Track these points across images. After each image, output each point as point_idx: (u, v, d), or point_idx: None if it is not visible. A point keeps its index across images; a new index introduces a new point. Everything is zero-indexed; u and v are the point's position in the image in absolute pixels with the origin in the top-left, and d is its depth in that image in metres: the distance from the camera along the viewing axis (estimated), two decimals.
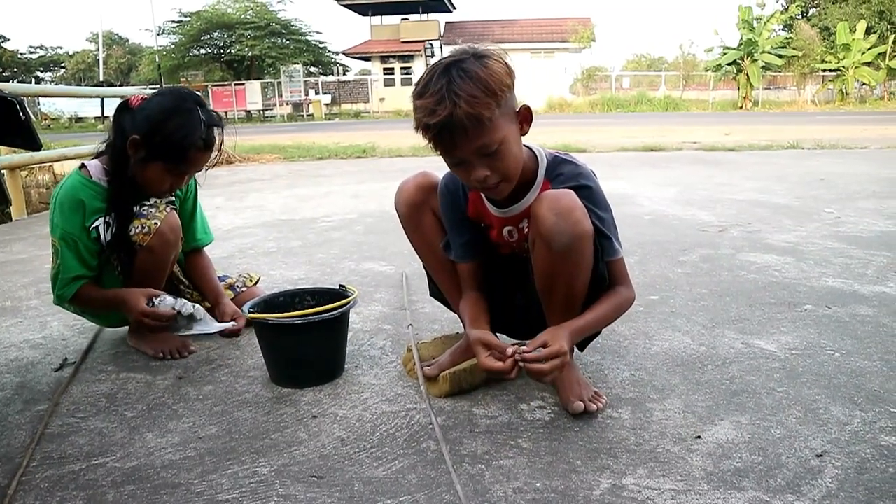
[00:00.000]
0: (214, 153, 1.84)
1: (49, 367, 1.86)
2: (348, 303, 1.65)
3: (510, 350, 1.33)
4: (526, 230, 1.48)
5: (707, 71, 27.76)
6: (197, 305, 1.76)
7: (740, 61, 24.99)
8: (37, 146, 1.80)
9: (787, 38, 26.33)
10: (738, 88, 25.76)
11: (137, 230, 1.78)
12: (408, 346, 1.74)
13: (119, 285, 1.87)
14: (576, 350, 1.66)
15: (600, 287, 1.46)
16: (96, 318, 2.00)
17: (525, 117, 1.37)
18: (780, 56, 24.87)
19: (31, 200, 5.50)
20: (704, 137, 9.74)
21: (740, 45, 24.98)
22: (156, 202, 1.83)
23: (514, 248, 1.55)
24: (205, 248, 2.09)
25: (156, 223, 1.78)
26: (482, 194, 1.50)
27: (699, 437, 1.35)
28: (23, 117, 1.70)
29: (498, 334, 1.54)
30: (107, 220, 1.80)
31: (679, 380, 1.62)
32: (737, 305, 2.18)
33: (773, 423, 1.39)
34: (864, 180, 5.21)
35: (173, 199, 1.95)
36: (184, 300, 1.76)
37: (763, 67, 24.93)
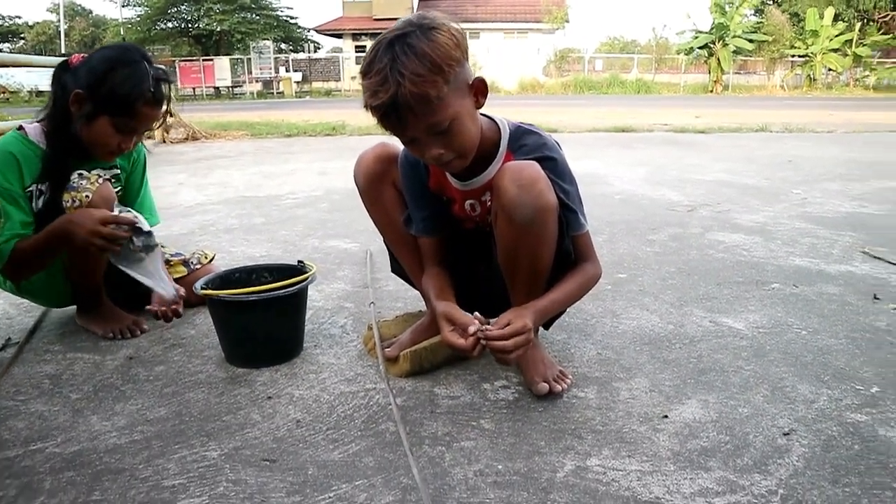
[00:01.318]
0: (162, 112, 1.72)
1: None
2: (306, 279, 1.58)
3: (472, 328, 1.27)
4: (489, 203, 1.42)
5: (679, 54, 27.90)
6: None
7: (712, 45, 25.16)
8: None
9: (758, 23, 26.57)
10: (710, 72, 25.95)
11: (68, 203, 1.63)
12: (368, 325, 1.68)
13: (57, 267, 1.75)
14: (541, 329, 1.62)
15: (565, 263, 1.42)
16: (38, 298, 1.89)
17: (479, 90, 1.29)
18: (750, 41, 25.07)
19: None
20: (675, 120, 9.77)
21: (712, 28, 25.12)
22: (87, 174, 1.68)
23: (478, 221, 1.49)
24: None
25: (87, 196, 1.63)
26: None
27: (666, 416, 1.31)
28: None
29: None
30: (40, 187, 1.68)
31: (646, 358, 1.59)
32: (705, 284, 2.16)
33: (741, 402, 1.37)
34: (830, 163, 5.26)
35: (118, 172, 1.85)
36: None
37: (734, 52, 25.12)
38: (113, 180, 1.80)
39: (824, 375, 1.49)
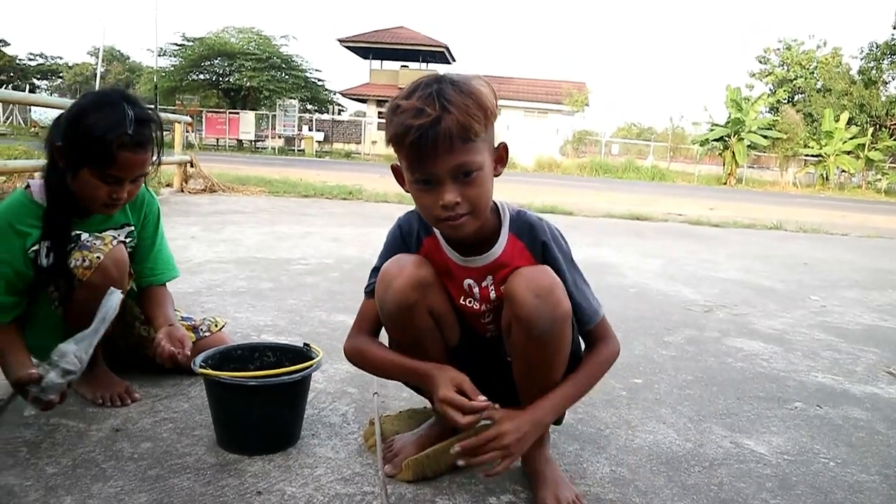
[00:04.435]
0: (149, 156, 1.61)
1: None
2: (311, 366, 1.50)
3: (467, 419, 1.22)
4: (490, 289, 1.36)
5: (694, 144, 28.35)
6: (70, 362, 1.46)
7: (727, 138, 25.57)
8: None
9: (773, 121, 27.08)
10: (724, 164, 26.28)
11: (78, 262, 1.59)
12: (370, 419, 1.58)
13: (55, 320, 1.69)
14: (553, 439, 1.52)
15: (574, 364, 1.36)
16: (32, 353, 1.81)
17: (501, 157, 1.27)
18: (765, 137, 25.50)
19: None
20: (689, 210, 9.79)
21: (728, 122, 25.61)
22: (102, 235, 1.65)
23: (475, 311, 1.39)
24: (166, 284, 1.90)
25: (98, 257, 1.59)
26: (440, 240, 1.37)
27: None
28: None
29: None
30: (46, 244, 1.61)
31: (664, 481, 1.48)
32: (724, 397, 2.06)
33: None
34: (847, 268, 5.20)
35: (132, 229, 1.79)
36: (55, 373, 1.45)
37: (749, 146, 25.51)
38: (128, 240, 1.75)
39: None
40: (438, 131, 1.13)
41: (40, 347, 1.77)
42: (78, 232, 1.64)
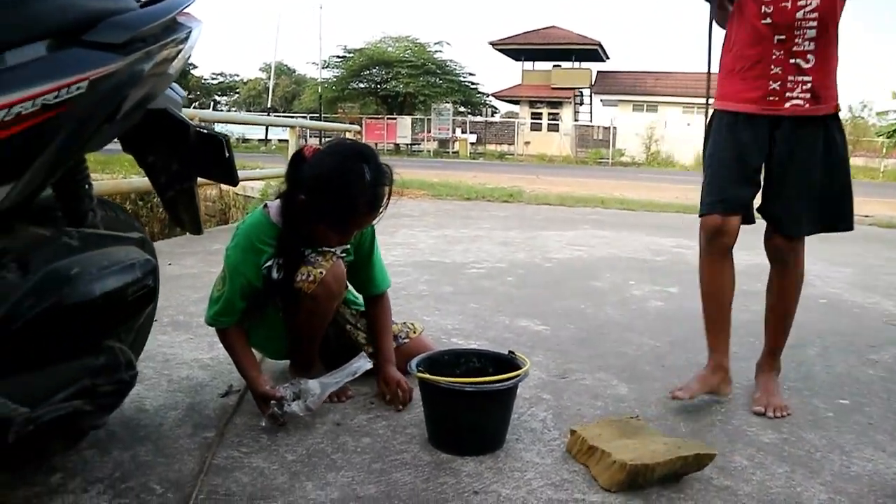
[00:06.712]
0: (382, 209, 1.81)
1: (216, 391, 1.93)
2: (522, 374, 1.58)
3: None
4: None
5: (879, 137, 25.55)
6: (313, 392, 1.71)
7: None
8: (235, 182, 1.90)
9: None
10: None
11: (303, 277, 1.78)
12: (570, 430, 1.61)
13: (280, 327, 1.92)
14: (760, 459, 1.49)
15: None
16: (257, 348, 2.04)
17: None
18: None
19: None
20: (878, 211, 8.85)
21: None
22: (323, 250, 1.84)
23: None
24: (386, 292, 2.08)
25: (321, 272, 1.78)
26: None
27: None
28: (227, 155, 1.79)
29: None
30: (278, 261, 1.81)
31: None
32: None
33: None
34: None
35: (348, 246, 1.97)
36: (298, 406, 1.69)
37: None
38: (344, 255, 1.94)
39: None
40: None
41: (268, 347, 2.03)
42: (302, 248, 1.84)
